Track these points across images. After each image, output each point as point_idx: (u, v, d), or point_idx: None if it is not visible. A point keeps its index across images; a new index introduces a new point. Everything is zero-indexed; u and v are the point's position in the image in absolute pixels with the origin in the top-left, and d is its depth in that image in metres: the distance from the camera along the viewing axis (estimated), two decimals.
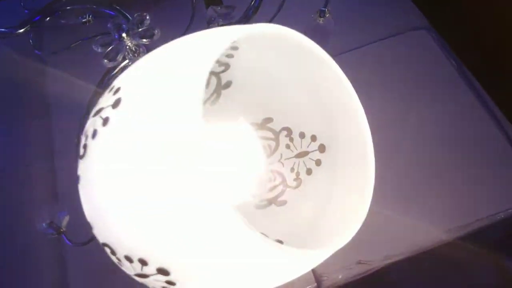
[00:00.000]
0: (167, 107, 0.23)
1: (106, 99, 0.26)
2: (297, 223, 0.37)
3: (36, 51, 0.60)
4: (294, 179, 0.39)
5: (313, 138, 0.37)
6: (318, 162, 0.37)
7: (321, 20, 0.53)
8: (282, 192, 0.39)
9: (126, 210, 0.24)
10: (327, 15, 0.53)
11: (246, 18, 0.56)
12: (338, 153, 0.35)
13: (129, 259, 0.25)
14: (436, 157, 0.57)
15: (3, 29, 0.57)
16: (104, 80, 0.58)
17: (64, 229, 0.44)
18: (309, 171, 0.38)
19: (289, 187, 0.39)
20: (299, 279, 0.30)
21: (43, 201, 0.56)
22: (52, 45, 0.62)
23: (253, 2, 0.55)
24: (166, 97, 0.23)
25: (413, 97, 0.62)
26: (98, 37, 0.52)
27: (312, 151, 0.37)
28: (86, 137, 0.27)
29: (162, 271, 0.24)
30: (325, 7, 0.54)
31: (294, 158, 0.39)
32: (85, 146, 0.27)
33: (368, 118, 0.33)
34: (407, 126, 0.59)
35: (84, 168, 0.27)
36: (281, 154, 0.40)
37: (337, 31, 0.66)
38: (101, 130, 0.25)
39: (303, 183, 0.38)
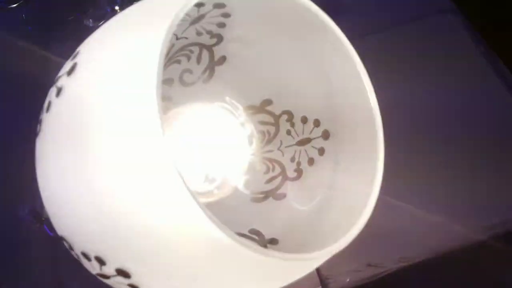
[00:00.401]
0: (125, 75, 0.18)
1: (66, 65, 0.22)
2: (297, 219, 0.33)
3: (29, 27, 0.57)
4: (295, 170, 0.34)
5: (316, 123, 0.32)
6: (321, 151, 0.32)
7: None
8: (281, 184, 0.35)
9: (81, 199, 0.20)
10: None
11: None
12: (344, 140, 0.30)
13: (86, 256, 0.21)
14: (461, 150, 0.51)
15: None
16: None
17: (46, 217, 0.41)
18: (311, 161, 0.33)
19: (289, 178, 0.34)
20: (302, 282, 0.26)
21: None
22: (45, 20, 0.59)
23: None
24: (123, 63, 0.19)
25: (437, 86, 0.56)
26: (90, 11, 0.48)
27: (315, 138, 0.33)
28: (43, 110, 0.23)
29: (123, 273, 0.20)
30: None
31: (295, 146, 0.34)
32: (40, 122, 0.23)
33: (383, 106, 0.28)
34: (427, 116, 0.54)
35: (40, 147, 0.23)
36: (281, 141, 0.35)
37: (355, 13, 0.61)
38: (54, 101, 0.21)
39: (304, 175, 0.34)
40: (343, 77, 0.29)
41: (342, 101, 0.30)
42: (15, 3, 0.55)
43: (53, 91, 0.22)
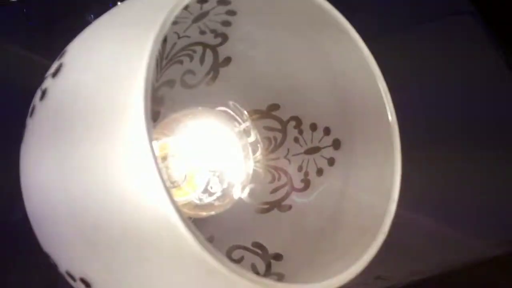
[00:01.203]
0: (113, 78, 0.16)
1: (52, 66, 0.20)
2: (303, 234, 0.31)
3: (30, 22, 0.56)
4: (302, 180, 0.32)
5: (327, 131, 0.30)
6: (331, 161, 0.30)
7: None
8: (287, 195, 0.32)
9: (57, 207, 0.18)
10: None
11: None
12: (357, 151, 0.28)
13: (71, 276, 0.19)
14: (479, 157, 0.49)
15: None
16: None
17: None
18: (319, 172, 0.31)
19: (295, 189, 0.32)
20: None
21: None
22: (46, 15, 0.57)
23: None
24: (112, 65, 0.16)
25: (454, 90, 0.54)
26: (92, 5, 0.46)
27: (325, 147, 0.30)
28: (32, 109, 0.21)
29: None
30: None
31: (303, 155, 0.32)
32: (26, 125, 0.21)
33: (398, 111, 0.26)
34: (444, 122, 0.51)
35: (22, 155, 0.21)
36: (288, 149, 0.33)
37: (368, 13, 0.59)
38: (38, 105, 0.19)
39: (311, 186, 0.31)
40: (357, 83, 0.27)
41: (356, 109, 0.27)
42: None
43: (37, 94, 0.20)
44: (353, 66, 0.27)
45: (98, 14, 0.49)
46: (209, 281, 0.16)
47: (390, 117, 0.25)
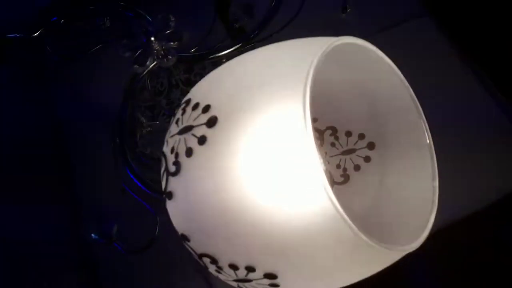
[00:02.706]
0: (272, 125, 0.24)
1: (192, 117, 0.28)
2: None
3: (54, 57, 0.59)
4: (341, 175, 0.41)
5: (361, 136, 0.39)
6: (367, 159, 0.39)
7: (343, 16, 0.56)
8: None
9: (234, 225, 0.26)
10: (348, 10, 0.56)
11: (268, 18, 0.57)
12: (391, 151, 0.37)
13: (234, 267, 0.27)
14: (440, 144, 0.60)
15: (17, 34, 0.57)
16: (134, 86, 0.58)
17: (115, 238, 0.46)
18: (357, 167, 0.40)
19: (336, 183, 0.41)
20: None
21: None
22: (70, 49, 0.61)
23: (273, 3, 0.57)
24: (270, 114, 0.25)
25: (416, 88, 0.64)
26: (124, 41, 0.52)
27: (360, 149, 0.40)
28: (177, 154, 0.28)
29: (270, 276, 0.26)
30: (345, 2, 0.56)
31: (340, 155, 0.41)
32: (177, 164, 0.28)
33: None
34: None
35: (178, 185, 0.28)
36: (326, 153, 0.42)
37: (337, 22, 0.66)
38: (197, 148, 0.27)
39: (351, 179, 0.40)
40: (386, 92, 0.35)
41: (387, 116, 0.36)
42: (36, 32, 0.56)
43: (190, 139, 0.27)
44: (381, 78, 0.35)
45: (131, 51, 0.54)
46: (362, 256, 0.25)
47: (417, 118, 0.34)
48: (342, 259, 0.26)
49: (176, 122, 0.30)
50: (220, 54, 0.57)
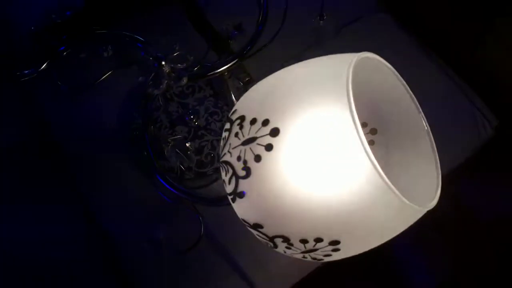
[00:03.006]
0: (323, 127, 0.32)
1: (253, 130, 0.35)
2: None
3: (63, 87, 0.63)
4: None
5: (364, 124, 0.48)
6: (371, 143, 0.48)
7: (321, 23, 0.64)
8: None
9: (303, 210, 0.34)
10: (325, 17, 0.64)
11: (257, 33, 0.65)
12: (392, 134, 0.46)
13: (304, 241, 0.35)
14: None
15: (26, 71, 0.60)
16: (147, 108, 0.64)
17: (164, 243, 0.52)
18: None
19: None
20: None
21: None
22: (73, 79, 0.65)
23: (260, 18, 0.65)
24: (320, 119, 0.33)
25: None
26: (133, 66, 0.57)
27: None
28: (245, 161, 0.35)
29: (334, 242, 0.34)
30: (322, 11, 0.65)
31: None
32: (247, 169, 0.35)
33: None
34: None
35: (250, 185, 0.35)
36: None
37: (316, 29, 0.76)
38: (265, 154, 0.34)
39: None
40: (385, 87, 0.44)
41: (386, 107, 0.46)
42: (43, 65, 0.59)
43: (256, 147, 0.35)
44: (387, 88, 0.44)
45: (145, 75, 0.61)
46: (402, 216, 0.34)
47: (412, 109, 0.43)
48: (389, 220, 0.35)
49: (236, 136, 0.37)
50: (219, 70, 0.64)
